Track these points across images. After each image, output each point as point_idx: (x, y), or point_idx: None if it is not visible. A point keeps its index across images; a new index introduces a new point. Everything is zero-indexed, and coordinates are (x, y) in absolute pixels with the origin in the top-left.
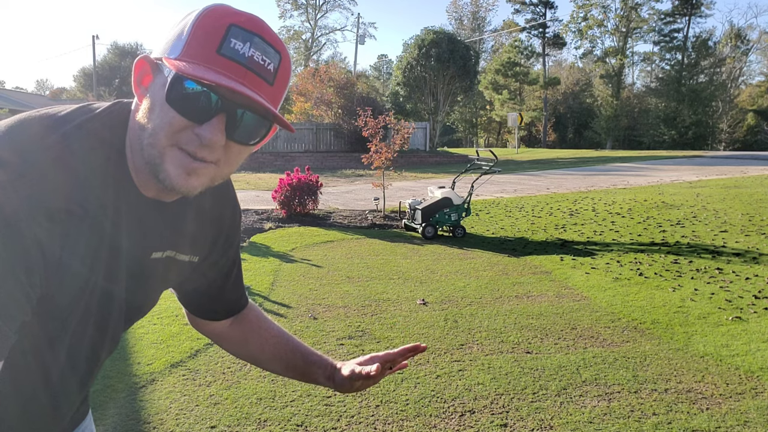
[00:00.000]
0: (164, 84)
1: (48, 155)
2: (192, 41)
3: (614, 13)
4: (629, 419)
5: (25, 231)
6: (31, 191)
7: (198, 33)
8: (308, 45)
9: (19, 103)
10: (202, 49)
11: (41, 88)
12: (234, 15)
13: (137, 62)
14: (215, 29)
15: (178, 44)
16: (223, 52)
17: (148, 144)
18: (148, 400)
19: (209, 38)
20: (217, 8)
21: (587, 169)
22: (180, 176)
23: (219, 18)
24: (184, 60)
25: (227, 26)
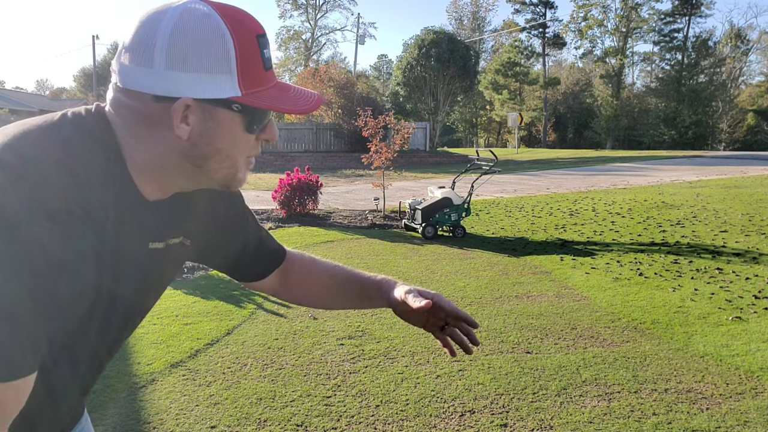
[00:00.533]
0: (233, 118)
1: (48, 156)
2: (244, 72)
3: (614, 13)
4: (629, 419)
5: (25, 232)
6: (32, 192)
7: (244, 62)
8: (308, 45)
9: (19, 103)
10: (255, 74)
11: (41, 88)
12: (247, 24)
13: (178, 108)
14: (253, 50)
15: (228, 79)
16: (266, 67)
17: (226, 167)
18: (148, 400)
19: (255, 61)
20: (233, 25)
21: (587, 169)
22: (246, 176)
23: (248, 38)
24: (250, 92)
25: (257, 40)
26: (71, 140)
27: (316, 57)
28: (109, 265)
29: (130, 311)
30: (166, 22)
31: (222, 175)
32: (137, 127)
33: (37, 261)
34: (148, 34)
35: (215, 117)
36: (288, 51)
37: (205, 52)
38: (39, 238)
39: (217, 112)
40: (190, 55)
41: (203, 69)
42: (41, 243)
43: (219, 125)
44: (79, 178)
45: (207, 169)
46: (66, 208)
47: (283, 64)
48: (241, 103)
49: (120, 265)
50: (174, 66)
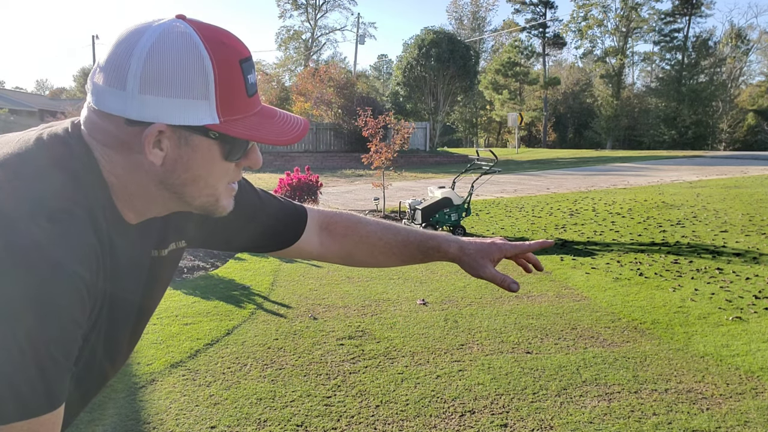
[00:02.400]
0: (210, 146)
1: (47, 154)
2: (223, 98)
3: (614, 13)
4: (629, 419)
5: (23, 231)
6: (30, 191)
7: (224, 88)
8: (308, 45)
9: (19, 103)
10: (236, 101)
11: (41, 88)
12: (231, 48)
13: (151, 134)
14: (235, 76)
15: (206, 105)
16: (249, 93)
17: (205, 195)
18: (148, 400)
19: (236, 88)
20: (213, 48)
21: (587, 169)
22: (231, 203)
23: (229, 62)
24: (229, 119)
25: (239, 66)
26: (72, 143)
27: (316, 57)
28: (113, 269)
29: (137, 317)
30: (143, 42)
31: (201, 203)
32: (111, 151)
33: (33, 261)
34: (123, 55)
35: (191, 143)
36: (288, 51)
37: (181, 76)
38: (36, 239)
39: (193, 138)
40: (165, 79)
41: (179, 94)
42: (38, 244)
43: (195, 152)
44: (78, 177)
45: (185, 196)
46: (66, 208)
47: (283, 64)
48: (218, 132)
49: (122, 269)
50: (148, 90)
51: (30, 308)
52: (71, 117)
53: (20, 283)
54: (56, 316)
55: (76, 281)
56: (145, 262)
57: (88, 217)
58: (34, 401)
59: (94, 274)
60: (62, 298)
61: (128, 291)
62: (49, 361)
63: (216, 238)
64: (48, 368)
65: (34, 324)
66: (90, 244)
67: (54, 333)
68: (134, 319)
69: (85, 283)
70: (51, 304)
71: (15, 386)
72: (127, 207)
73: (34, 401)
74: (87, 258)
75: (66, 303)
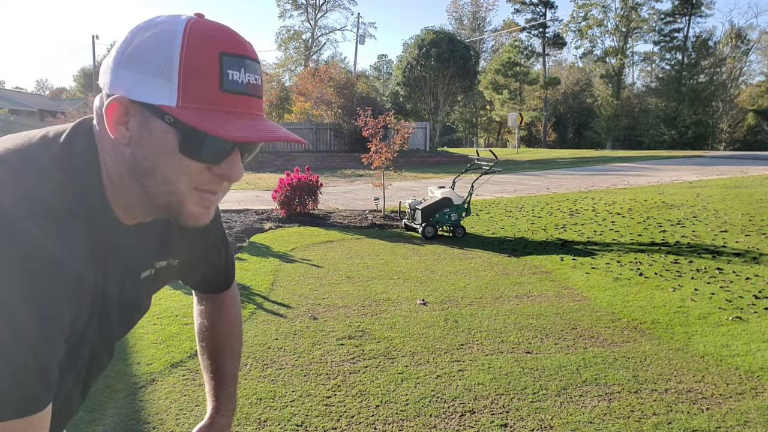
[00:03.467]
0: (165, 132)
1: (49, 153)
2: (187, 82)
3: (614, 13)
4: (629, 419)
5: (22, 229)
6: (30, 190)
7: (190, 71)
8: (308, 45)
9: (19, 103)
10: (202, 89)
11: (41, 88)
12: (217, 40)
13: (113, 104)
14: (208, 63)
15: (167, 86)
16: (225, 88)
17: (164, 192)
18: (148, 400)
19: (206, 75)
20: (195, 34)
21: (587, 169)
22: (202, 213)
23: (205, 49)
24: (189, 106)
25: (218, 57)
26: (73, 142)
27: (316, 57)
28: (107, 271)
29: (122, 320)
30: (140, 24)
31: (164, 202)
32: (103, 135)
33: (33, 259)
34: (124, 33)
35: (149, 126)
36: (288, 51)
37: (151, 53)
38: (35, 238)
39: (152, 121)
40: (139, 54)
41: (144, 70)
42: (37, 243)
43: (151, 136)
44: (79, 174)
45: (148, 190)
46: (66, 208)
47: (283, 64)
48: (172, 116)
49: (110, 292)
50: (122, 63)
51: (22, 305)
52: (71, 117)
53: (13, 279)
54: (47, 314)
55: (68, 279)
56: (140, 269)
57: (86, 216)
58: (25, 400)
59: (90, 272)
60: (54, 296)
61: (123, 291)
62: (39, 358)
63: (191, 262)
64: (37, 365)
65: (24, 320)
66: (86, 243)
67: (42, 330)
68: (126, 319)
69: (77, 280)
70: (42, 301)
71: (5, 384)
72: (118, 205)
73: (24, 400)
74: (82, 256)
75: (58, 300)
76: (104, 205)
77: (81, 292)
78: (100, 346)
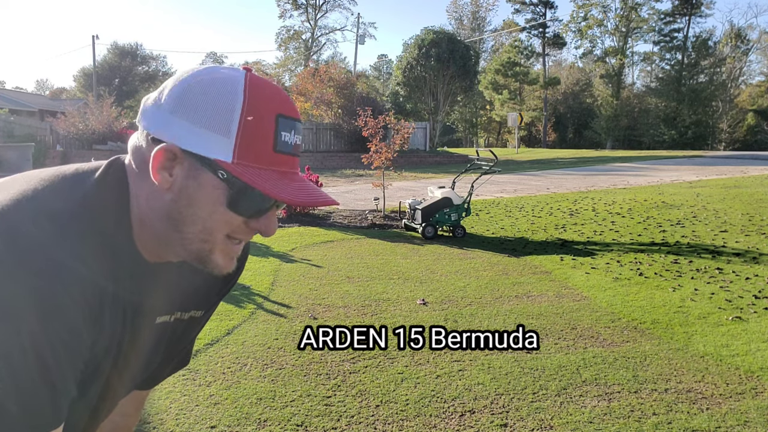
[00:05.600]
0: (216, 186)
1: (80, 189)
2: (244, 141)
3: (614, 13)
4: (629, 419)
5: (50, 258)
6: (61, 224)
7: (249, 130)
8: (308, 45)
9: (19, 103)
10: (258, 149)
11: (41, 88)
12: (275, 101)
13: (162, 151)
14: (266, 124)
15: (224, 141)
16: (278, 149)
17: (200, 240)
18: (148, 400)
19: (263, 136)
20: (254, 92)
21: (587, 169)
22: (227, 263)
23: (265, 110)
24: (244, 164)
25: (275, 118)
26: (98, 186)
27: (316, 57)
28: (118, 334)
29: (140, 372)
30: (196, 72)
31: (196, 248)
32: (141, 173)
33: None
34: (174, 79)
35: (199, 178)
36: (288, 51)
37: (210, 106)
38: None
39: (202, 172)
40: (196, 105)
41: (202, 123)
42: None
43: (200, 188)
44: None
45: (183, 236)
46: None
47: (283, 64)
48: (227, 171)
49: (126, 335)
50: (176, 111)
51: (43, 325)
52: (71, 116)
53: (36, 300)
54: (67, 334)
55: (91, 303)
56: (157, 312)
57: (112, 250)
58: (38, 415)
59: (110, 301)
60: (74, 318)
61: (138, 330)
62: (54, 371)
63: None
64: (53, 380)
65: (44, 339)
66: (110, 275)
67: (61, 350)
68: (140, 363)
69: (99, 306)
70: (63, 322)
71: (19, 397)
72: (143, 244)
73: (38, 415)
74: (105, 286)
75: (78, 323)
76: (129, 242)
77: (101, 318)
78: (116, 380)
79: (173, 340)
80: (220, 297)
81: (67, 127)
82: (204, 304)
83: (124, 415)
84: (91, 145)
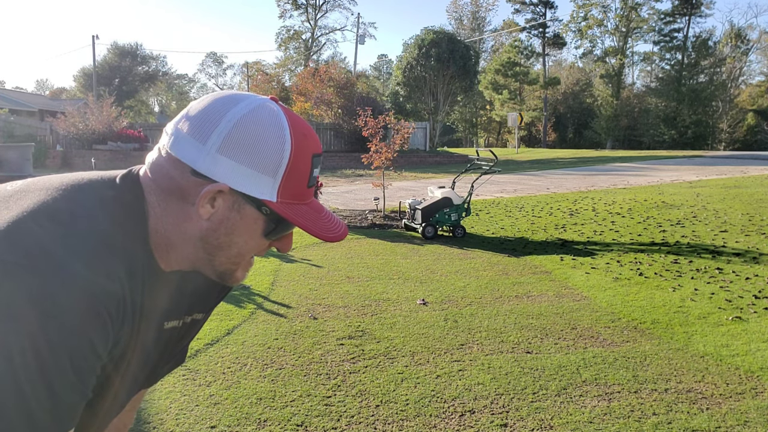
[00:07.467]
0: (257, 219)
1: (98, 195)
2: (288, 181)
3: (614, 13)
4: (629, 419)
5: (71, 277)
6: (77, 236)
7: (292, 172)
8: (308, 45)
9: (19, 103)
10: (297, 187)
11: (41, 88)
12: (310, 142)
13: (213, 190)
14: (305, 166)
15: (270, 182)
16: (309, 184)
17: (230, 262)
18: (148, 400)
19: (302, 176)
20: (298, 135)
21: (587, 169)
22: (243, 276)
23: (305, 152)
24: (284, 201)
25: (311, 159)
26: (120, 193)
27: (316, 57)
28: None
29: (142, 375)
30: (238, 108)
31: (224, 269)
32: (168, 197)
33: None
34: (215, 113)
35: (242, 211)
36: (288, 51)
37: (261, 150)
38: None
39: (245, 207)
40: (245, 147)
41: (251, 164)
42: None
43: (242, 220)
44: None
45: (215, 259)
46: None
47: (283, 64)
48: (271, 209)
49: (136, 340)
50: (226, 151)
51: (68, 335)
52: (71, 116)
53: (55, 308)
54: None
55: (110, 310)
56: (166, 318)
57: (129, 257)
58: (39, 416)
59: (128, 306)
60: (92, 326)
61: (146, 336)
62: (55, 374)
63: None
64: (53, 382)
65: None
66: (127, 282)
67: (60, 340)
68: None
69: (116, 311)
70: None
71: (19, 398)
72: (162, 256)
73: (39, 416)
74: (123, 293)
75: (89, 326)
76: (145, 249)
77: (110, 321)
78: (119, 385)
79: (175, 342)
80: (219, 299)
81: (67, 127)
82: (205, 307)
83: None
84: (91, 145)
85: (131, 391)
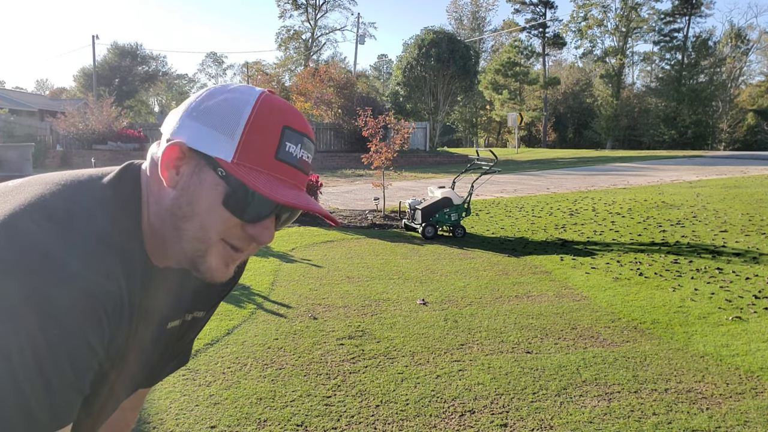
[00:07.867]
0: (216, 184)
1: (94, 191)
2: (247, 143)
3: (614, 13)
4: (629, 419)
5: (65, 270)
6: (72, 230)
7: (253, 135)
8: (308, 45)
9: (19, 103)
10: (260, 153)
11: (41, 88)
12: (285, 114)
13: (172, 148)
14: (271, 131)
15: (228, 142)
16: (280, 157)
17: (195, 238)
18: (148, 400)
19: (266, 141)
20: (266, 104)
21: (587, 169)
22: (220, 269)
23: (272, 118)
24: (243, 164)
25: (282, 128)
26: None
27: (316, 57)
28: (130, 339)
29: (143, 374)
30: (218, 87)
31: (191, 248)
32: (151, 172)
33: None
34: (203, 91)
35: (201, 176)
36: (288, 51)
37: (222, 110)
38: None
39: (205, 171)
40: (211, 110)
41: (211, 124)
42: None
43: (201, 185)
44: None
45: (181, 234)
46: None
47: (283, 64)
48: (225, 170)
49: (137, 340)
50: (192, 115)
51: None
52: (71, 116)
53: (54, 305)
54: (87, 338)
55: (108, 307)
56: (168, 317)
57: (123, 253)
58: (39, 414)
59: (125, 303)
60: (90, 322)
61: (146, 334)
62: (53, 372)
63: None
64: (51, 380)
65: (62, 342)
66: (123, 278)
67: (59, 339)
68: (143, 365)
69: (113, 308)
70: (82, 326)
71: (16, 398)
72: (152, 248)
73: (38, 414)
74: (119, 288)
75: (94, 328)
76: (139, 246)
77: (106, 319)
78: (117, 383)
79: (176, 340)
80: (220, 297)
81: (67, 127)
82: (206, 305)
83: (122, 410)
84: (91, 144)
85: (129, 390)
